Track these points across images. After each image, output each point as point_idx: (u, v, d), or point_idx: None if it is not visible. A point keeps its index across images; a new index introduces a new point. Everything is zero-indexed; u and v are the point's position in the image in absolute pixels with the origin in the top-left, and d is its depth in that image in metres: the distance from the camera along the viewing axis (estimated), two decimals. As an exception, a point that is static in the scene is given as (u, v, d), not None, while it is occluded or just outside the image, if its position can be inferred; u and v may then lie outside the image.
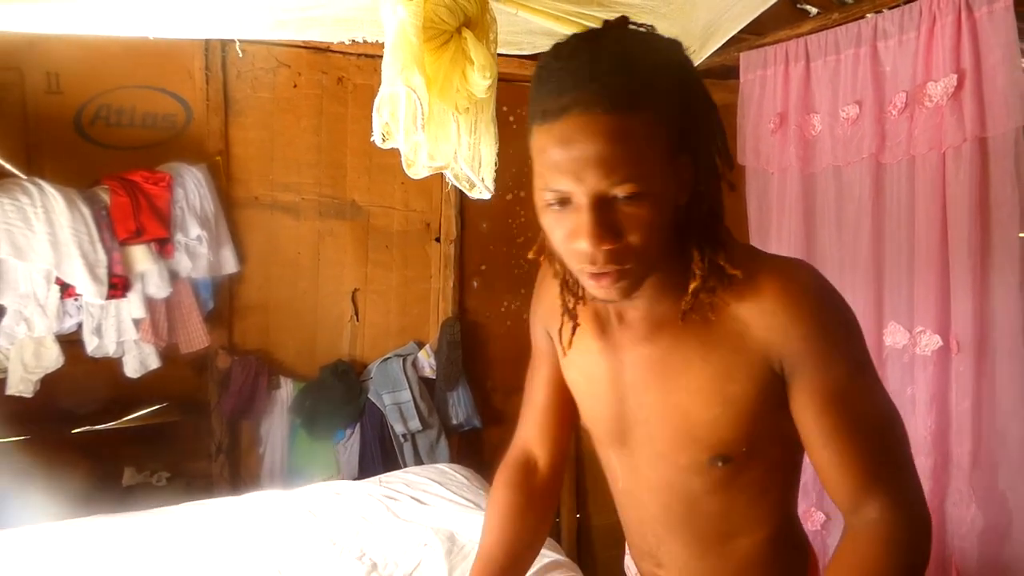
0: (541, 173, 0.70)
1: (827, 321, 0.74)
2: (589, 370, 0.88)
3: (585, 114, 0.66)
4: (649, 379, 0.82)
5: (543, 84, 0.69)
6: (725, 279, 0.75)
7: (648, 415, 0.83)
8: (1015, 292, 1.84)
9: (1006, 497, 1.90)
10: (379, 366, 2.53)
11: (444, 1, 1.00)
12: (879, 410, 0.77)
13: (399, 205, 2.65)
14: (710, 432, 0.79)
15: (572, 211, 0.69)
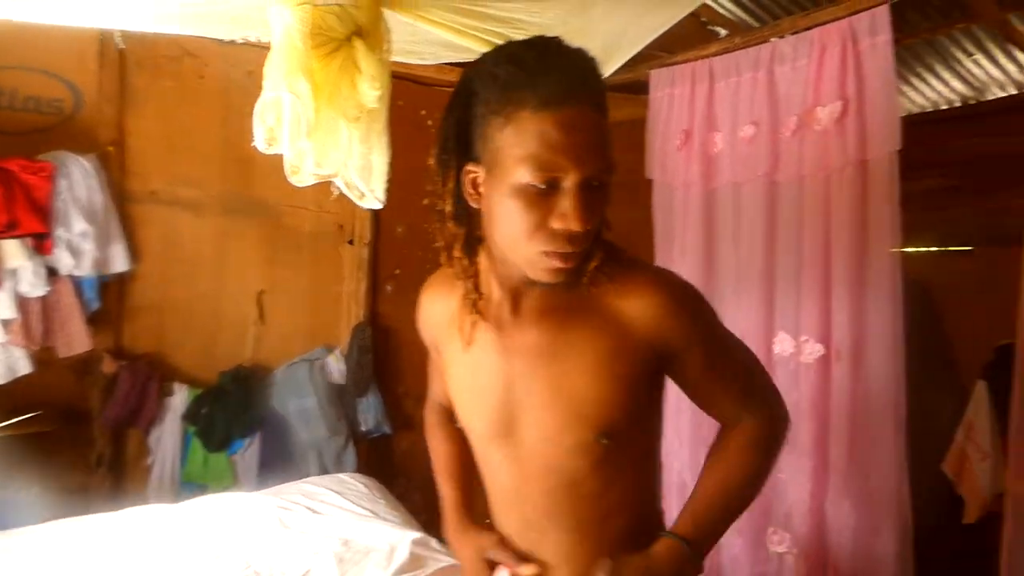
0: (533, 156, 0.74)
1: (697, 311, 0.90)
2: (478, 364, 0.92)
3: (587, 106, 0.75)
4: (539, 364, 0.88)
5: (540, 72, 0.75)
6: (611, 270, 0.86)
7: (536, 400, 0.89)
8: (889, 305, 1.99)
9: (878, 497, 2.05)
10: (284, 371, 2.44)
11: (333, 9, 0.98)
12: (741, 353, 0.96)
13: (311, 205, 2.58)
14: (597, 409, 0.87)
15: (557, 194, 0.76)
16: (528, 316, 0.89)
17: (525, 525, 0.95)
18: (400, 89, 2.81)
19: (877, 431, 2.02)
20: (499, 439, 0.93)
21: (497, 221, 0.80)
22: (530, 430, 0.90)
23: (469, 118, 0.81)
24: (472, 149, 0.82)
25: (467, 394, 0.95)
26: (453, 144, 0.83)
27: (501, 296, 0.89)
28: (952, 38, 2.79)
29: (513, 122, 0.76)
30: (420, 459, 2.78)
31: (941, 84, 3.12)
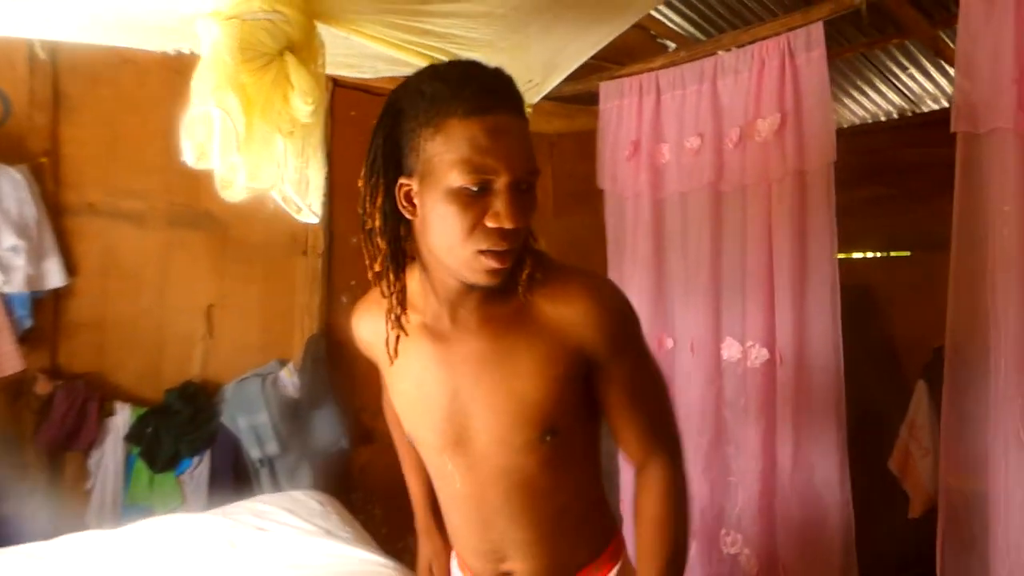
0: (464, 160, 0.79)
1: (621, 325, 0.94)
2: (422, 377, 0.95)
3: (509, 114, 0.81)
4: (481, 371, 0.92)
5: (464, 85, 0.80)
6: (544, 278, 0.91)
7: (482, 406, 0.93)
8: (828, 310, 2.06)
9: (822, 494, 2.11)
10: (235, 387, 2.39)
11: (263, 24, 0.98)
12: (658, 388, 1.02)
13: (262, 216, 2.52)
14: (539, 410, 0.92)
15: (489, 195, 0.80)
16: (467, 326, 0.92)
17: (485, 526, 0.99)
18: (353, 100, 2.83)
19: (819, 431, 2.08)
20: (451, 448, 0.96)
21: (433, 227, 0.83)
22: (480, 435, 0.94)
23: (397, 136, 0.84)
24: (403, 164, 0.84)
25: (415, 408, 0.98)
26: (382, 162, 0.85)
27: (438, 309, 0.92)
28: (888, 53, 2.92)
29: (443, 131, 0.79)
30: (379, 473, 2.77)
31: (879, 97, 3.26)
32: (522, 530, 0.98)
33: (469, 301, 0.91)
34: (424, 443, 1.00)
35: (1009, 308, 1.69)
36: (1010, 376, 1.69)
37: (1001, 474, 1.70)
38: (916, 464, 2.52)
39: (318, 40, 1.09)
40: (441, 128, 0.79)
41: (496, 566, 1.01)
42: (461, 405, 0.93)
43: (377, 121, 0.87)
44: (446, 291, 0.90)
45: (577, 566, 1.02)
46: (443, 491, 1.03)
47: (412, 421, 0.99)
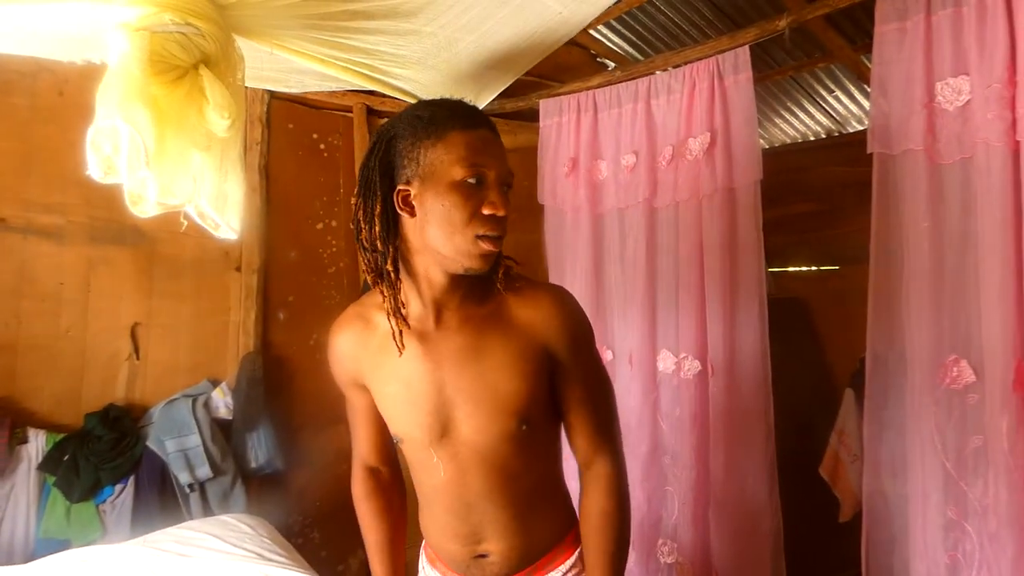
0: (464, 158, 0.96)
1: (580, 328, 1.10)
2: (410, 376, 1.05)
3: (492, 131, 1.01)
4: (464, 365, 1.04)
5: (457, 108, 1.00)
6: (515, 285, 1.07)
7: (466, 397, 1.04)
8: (756, 322, 2.13)
9: (752, 503, 2.17)
10: (163, 409, 2.29)
11: (175, 36, 0.95)
12: (607, 392, 1.16)
13: (193, 231, 2.44)
14: (515, 401, 1.04)
15: (484, 189, 0.97)
16: (449, 325, 1.04)
17: (467, 510, 1.09)
18: (291, 113, 2.79)
19: (750, 440, 2.14)
20: (436, 441, 1.06)
21: (436, 218, 0.97)
22: (463, 426, 1.05)
23: (391, 156, 1.00)
24: (396, 177, 1.00)
25: (404, 407, 1.07)
26: (378, 178, 0.99)
27: (422, 311, 1.04)
28: (815, 76, 3.06)
29: (444, 140, 0.97)
30: (317, 494, 2.70)
31: (808, 118, 3.41)
32: (499, 510, 1.09)
33: (452, 301, 1.04)
34: (411, 439, 1.09)
35: (923, 321, 1.78)
36: (924, 384, 1.77)
37: (919, 477, 1.78)
38: (845, 470, 2.62)
39: (237, 54, 1.06)
40: (442, 138, 0.97)
41: (473, 548, 1.12)
42: (446, 398, 1.04)
43: (370, 148, 1.02)
44: (432, 291, 1.03)
45: (544, 548, 1.15)
46: (427, 483, 1.12)
47: (401, 420, 1.08)
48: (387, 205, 0.99)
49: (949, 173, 1.71)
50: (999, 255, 1.59)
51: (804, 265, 3.56)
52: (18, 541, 1.97)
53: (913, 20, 1.73)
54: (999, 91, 1.57)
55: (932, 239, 1.76)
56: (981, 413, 1.65)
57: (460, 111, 1.00)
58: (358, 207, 1.01)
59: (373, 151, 1.01)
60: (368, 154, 1.02)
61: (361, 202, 1.01)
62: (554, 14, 1.25)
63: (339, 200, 2.85)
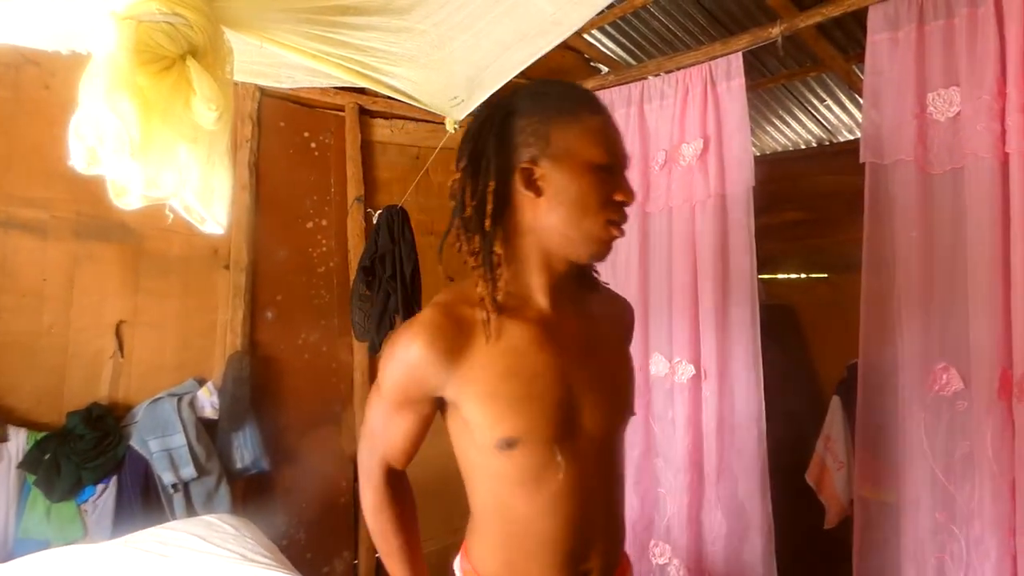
0: (601, 141, 0.94)
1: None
2: (532, 367, 0.95)
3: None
4: (586, 353, 0.99)
5: (584, 91, 0.99)
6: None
7: (590, 387, 0.98)
8: (748, 327, 2.13)
9: (744, 505, 2.17)
10: (147, 408, 2.25)
11: (162, 26, 0.94)
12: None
13: (181, 228, 2.40)
14: (628, 390, 1.06)
15: (612, 176, 0.94)
16: (567, 312, 0.99)
17: (582, 517, 0.98)
18: (282, 110, 2.77)
19: (742, 444, 2.15)
20: (560, 435, 0.95)
21: (567, 201, 0.92)
22: (587, 419, 0.98)
23: (509, 132, 0.95)
24: (518, 154, 0.94)
25: (525, 403, 0.94)
26: (493, 153, 0.94)
27: (537, 296, 0.98)
28: (807, 84, 3.07)
29: (579, 121, 0.94)
30: (304, 495, 2.67)
31: (800, 126, 3.43)
32: (608, 516, 1.04)
33: (568, 287, 1.00)
34: (532, 439, 0.94)
35: (913, 328, 1.79)
36: (914, 391, 1.78)
37: (910, 482, 1.79)
38: (831, 476, 2.62)
39: (226, 46, 1.05)
40: (578, 118, 0.93)
41: (576, 567, 1.00)
42: (571, 388, 0.96)
43: (480, 121, 0.97)
44: (549, 275, 0.97)
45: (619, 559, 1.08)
46: (539, 493, 0.96)
47: (522, 417, 0.94)
48: (502, 183, 0.93)
49: (940, 183, 1.72)
50: (987, 265, 1.60)
51: (794, 272, 3.58)
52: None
53: (905, 30, 1.75)
54: (989, 103, 1.58)
55: (923, 248, 1.77)
56: (968, 420, 1.67)
57: (587, 94, 0.98)
58: (464, 184, 0.94)
59: (486, 125, 0.95)
60: (479, 128, 0.96)
61: (469, 180, 0.94)
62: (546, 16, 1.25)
63: (330, 199, 2.83)
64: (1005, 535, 1.60)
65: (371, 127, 2.95)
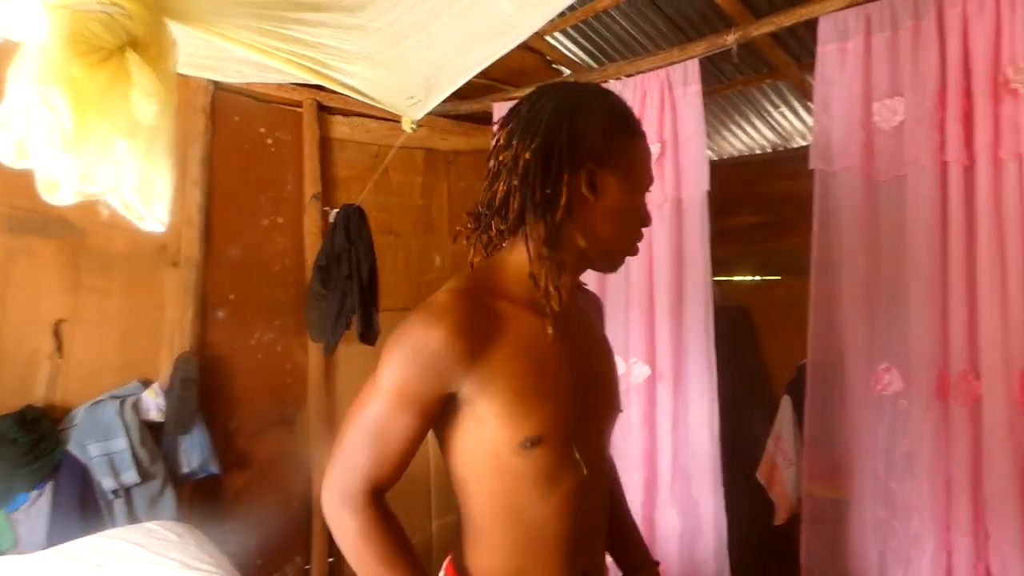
0: (646, 168, 0.99)
1: None
2: (557, 361, 0.93)
3: None
4: (594, 347, 1.02)
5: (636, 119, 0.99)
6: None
7: (599, 381, 1.00)
8: (703, 329, 2.17)
9: (698, 503, 2.21)
10: (87, 410, 2.16)
11: (98, 16, 0.89)
12: None
13: (126, 224, 2.32)
14: (618, 386, 1.06)
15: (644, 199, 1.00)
16: (573, 308, 1.01)
17: (589, 517, 0.97)
18: (237, 105, 2.69)
19: (696, 443, 2.18)
20: (576, 432, 0.92)
21: (613, 211, 0.94)
22: (595, 413, 0.98)
23: (578, 129, 0.92)
24: (583, 154, 0.92)
25: (551, 398, 0.90)
26: (566, 144, 0.91)
27: (564, 290, 0.93)
28: (762, 91, 3.15)
29: (636, 141, 0.97)
30: (254, 500, 2.60)
31: (755, 132, 3.51)
32: (606, 514, 1.04)
33: (572, 287, 1.01)
34: (555, 436, 0.90)
35: (858, 330, 1.85)
36: (859, 391, 1.84)
37: (855, 480, 1.85)
38: (781, 474, 2.69)
39: (169, 39, 1.01)
40: (635, 139, 0.97)
41: (579, 568, 0.96)
42: (584, 383, 0.96)
43: (554, 111, 0.92)
44: (574, 273, 0.99)
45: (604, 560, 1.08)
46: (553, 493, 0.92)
47: (548, 413, 0.90)
48: (574, 175, 0.91)
49: (884, 190, 1.78)
50: (926, 269, 1.66)
51: (749, 275, 3.66)
52: (-83, 554, 1.83)
53: (853, 41, 1.80)
54: (930, 112, 1.64)
55: (868, 253, 1.83)
56: (909, 419, 1.73)
57: (632, 115, 1.00)
58: (535, 167, 0.89)
59: (560, 115, 0.91)
60: (553, 114, 0.91)
61: (540, 165, 0.89)
62: (504, 16, 1.24)
63: (286, 196, 2.76)
64: (941, 531, 1.66)
65: (330, 124, 2.89)
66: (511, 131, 0.94)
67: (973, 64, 1.60)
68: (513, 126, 0.94)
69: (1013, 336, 1.54)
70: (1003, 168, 1.56)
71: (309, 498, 2.73)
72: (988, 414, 1.57)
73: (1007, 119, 1.55)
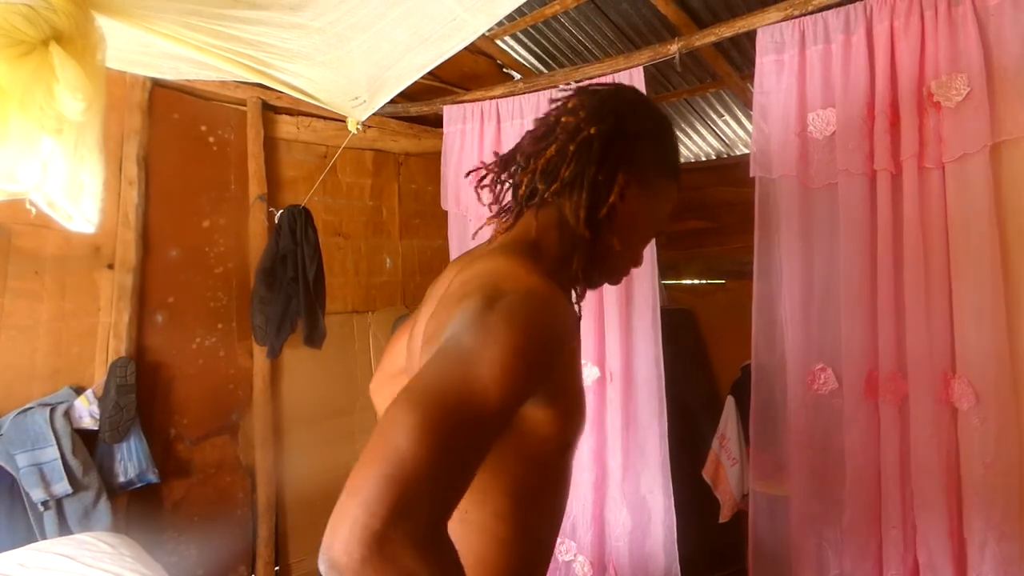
0: (669, 208, 0.97)
1: None
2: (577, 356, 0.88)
3: None
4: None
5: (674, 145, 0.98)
6: None
7: None
8: (650, 331, 2.21)
9: (646, 500, 2.25)
10: (14, 420, 2.05)
11: (19, 8, 0.85)
12: None
13: (56, 224, 2.22)
14: None
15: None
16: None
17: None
18: (176, 102, 2.61)
19: (644, 442, 2.22)
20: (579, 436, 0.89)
21: (631, 227, 0.92)
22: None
23: (650, 145, 0.92)
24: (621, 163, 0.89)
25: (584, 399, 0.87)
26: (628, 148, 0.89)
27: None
28: (707, 100, 3.23)
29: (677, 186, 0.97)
30: (194, 509, 2.52)
31: (701, 139, 3.60)
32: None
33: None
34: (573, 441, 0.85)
35: (796, 332, 1.92)
36: (797, 389, 1.91)
37: (795, 476, 1.91)
38: (726, 473, 2.76)
39: (97, 33, 0.97)
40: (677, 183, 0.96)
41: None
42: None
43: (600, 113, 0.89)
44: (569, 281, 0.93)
45: None
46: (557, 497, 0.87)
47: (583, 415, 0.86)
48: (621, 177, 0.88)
49: (819, 197, 1.85)
50: (857, 273, 1.74)
51: (695, 278, 3.75)
52: None
53: (789, 53, 1.87)
54: (859, 124, 1.72)
55: (804, 257, 1.90)
56: (842, 416, 1.80)
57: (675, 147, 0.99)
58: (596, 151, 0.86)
59: (639, 124, 0.91)
60: (631, 119, 0.90)
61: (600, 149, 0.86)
62: (451, 18, 1.24)
63: (229, 196, 2.69)
64: (872, 523, 1.74)
65: (275, 123, 2.83)
66: (581, 103, 0.90)
67: (900, 77, 1.68)
68: (586, 100, 0.91)
69: (937, 338, 1.62)
70: (927, 176, 1.65)
71: (254, 505, 2.66)
72: (915, 412, 1.65)
73: (930, 130, 1.64)
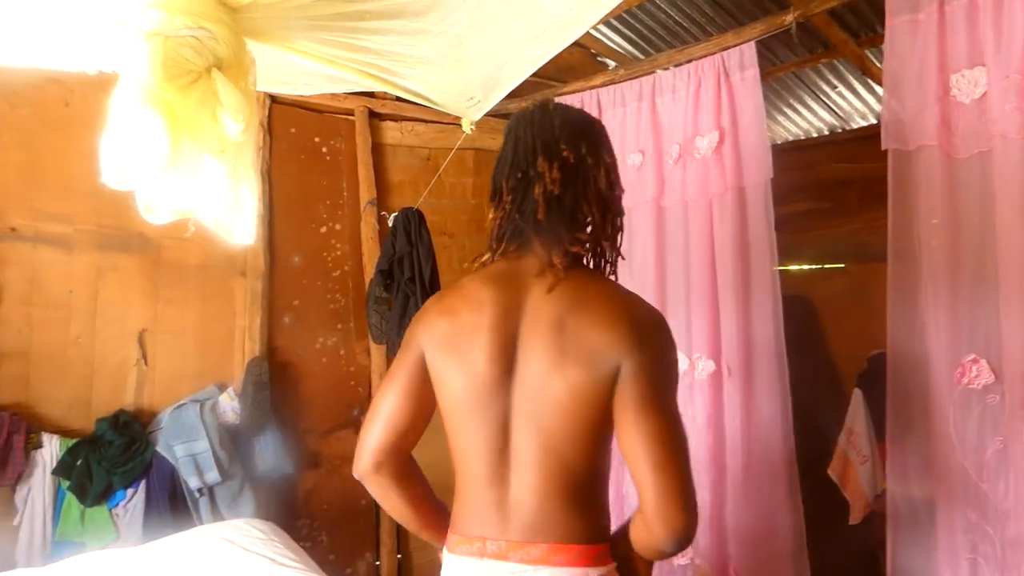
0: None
1: None
2: None
3: None
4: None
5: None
6: None
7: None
8: (771, 321, 2.10)
9: (772, 504, 2.14)
10: (171, 414, 2.28)
11: (188, 41, 0.94)
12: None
13: (197, 237, 2.42)
14: None
15: None
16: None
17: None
18: (292, 117, 2.77)
19: (768, 440, 2.12)
20: None
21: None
22: None
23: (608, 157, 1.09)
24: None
25: None
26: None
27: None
28: (818, 72, 3.04)
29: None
30: (325, 498, 2.68)
31: (811, 114, 3.39)
32: None
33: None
34: None
35: (940, 319, 1.74)
36: (942, 384, 1.73)
37: (940, 479, 1.74)
38: (855, 471, 2.59)
39: (248, 57, 1.05)
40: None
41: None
42: None
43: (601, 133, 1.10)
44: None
45: None
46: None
47: None
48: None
49: (966, 168, 1.68)
50: (1018, 251, 1.56)
51: (808, 263, 3.55)
52: (36, 543, 1.98)
53: (926, 11, 1.71)
54: (1018, 82, 1.54)
55: (950, 236, 1.73)
56: (1001, 414, 1.62)
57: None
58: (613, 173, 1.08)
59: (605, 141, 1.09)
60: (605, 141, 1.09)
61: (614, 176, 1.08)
62: (563, 11, 1.24)
63: (343, 203, 2.83)
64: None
65: (381, 130, 2.95)
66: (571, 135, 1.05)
67: (1062, 27, 1.50)
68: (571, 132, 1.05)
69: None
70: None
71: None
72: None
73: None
